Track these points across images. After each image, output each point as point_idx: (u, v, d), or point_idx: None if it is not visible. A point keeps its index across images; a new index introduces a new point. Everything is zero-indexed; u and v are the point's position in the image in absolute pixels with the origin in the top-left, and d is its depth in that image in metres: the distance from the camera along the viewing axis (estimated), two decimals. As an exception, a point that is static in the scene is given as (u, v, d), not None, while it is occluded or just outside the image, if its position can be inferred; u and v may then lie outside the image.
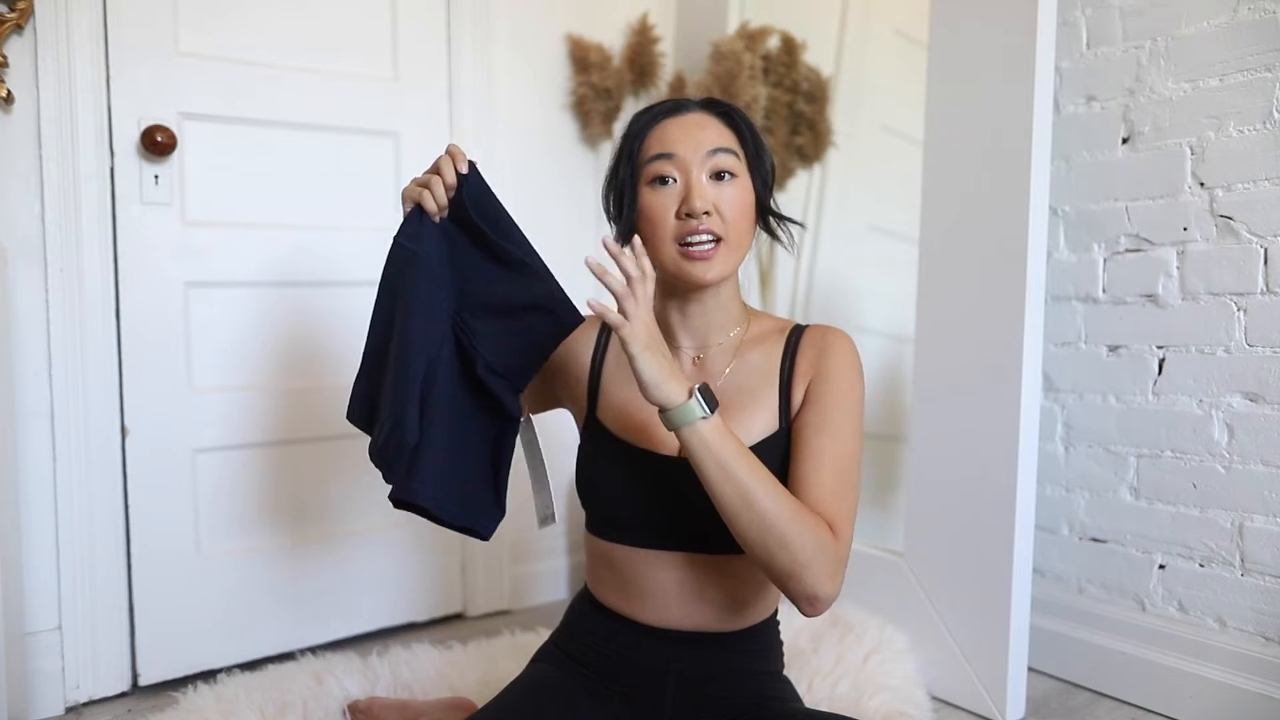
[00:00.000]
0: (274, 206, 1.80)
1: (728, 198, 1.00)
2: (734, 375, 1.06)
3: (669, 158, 1.00)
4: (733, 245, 1.01)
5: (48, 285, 1.56)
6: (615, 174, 1.07)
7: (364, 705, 1.45)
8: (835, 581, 0.92)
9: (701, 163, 1.00)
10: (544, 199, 2.16)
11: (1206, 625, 1.52)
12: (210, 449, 1.75)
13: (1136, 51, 1.58)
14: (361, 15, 1.90)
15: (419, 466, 0.98)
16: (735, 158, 1.02)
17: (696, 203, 0.98)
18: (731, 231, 1.00)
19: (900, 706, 1.45)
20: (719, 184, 1.00)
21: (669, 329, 1.09)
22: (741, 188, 1.02)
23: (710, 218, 0.99)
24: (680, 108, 1.05)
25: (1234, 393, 1.48)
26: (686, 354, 1.08)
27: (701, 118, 1.03)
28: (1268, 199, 1.42)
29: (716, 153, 1.00)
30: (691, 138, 1.01)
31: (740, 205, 1.01)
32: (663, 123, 1.03)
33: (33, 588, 1.57)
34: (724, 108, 1.06)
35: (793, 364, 1.05)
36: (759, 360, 1.06)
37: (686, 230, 0.99)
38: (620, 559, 1.06)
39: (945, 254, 1.62)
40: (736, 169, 1.02)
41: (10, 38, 1.51)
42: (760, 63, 2.12)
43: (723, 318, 1.07)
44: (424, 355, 0.98)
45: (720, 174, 1.00)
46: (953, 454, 1.60)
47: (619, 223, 1.07)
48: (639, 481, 1.03)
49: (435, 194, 0.98)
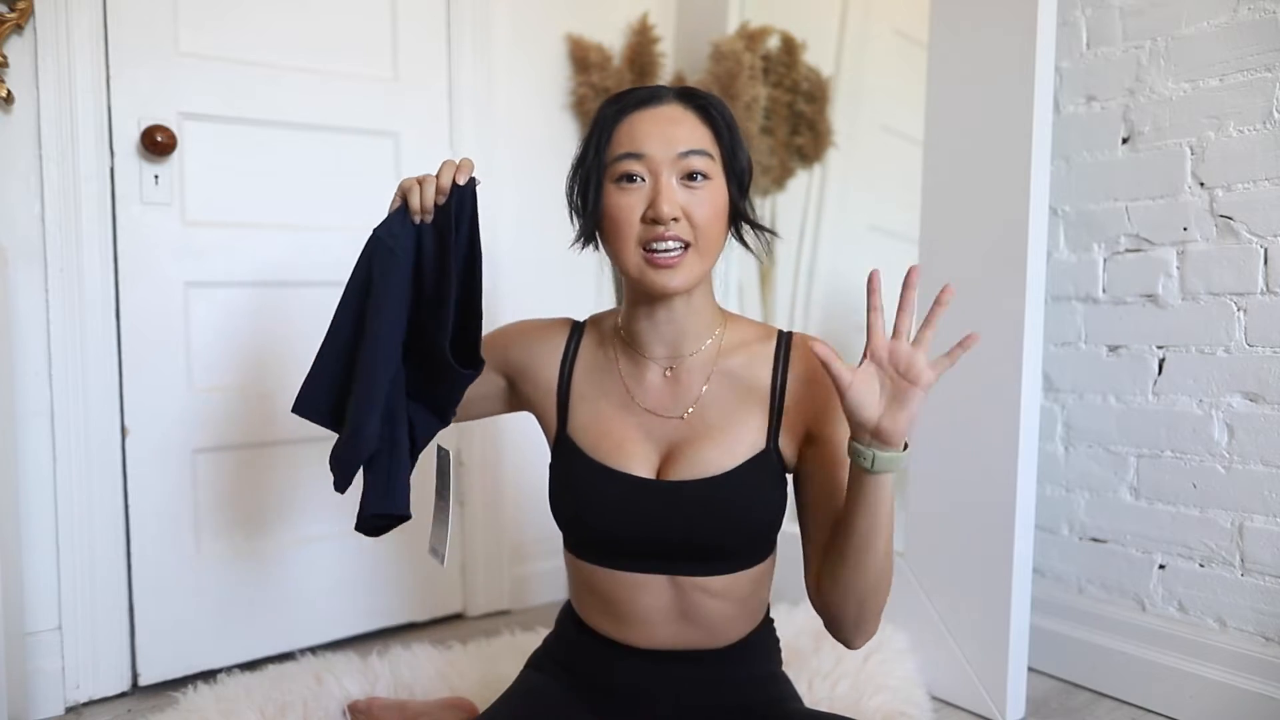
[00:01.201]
0: (274, 206, 1.80)
1: (699, 201, 0.93)
2: (714, 389, 0.99)
3: (638, 157, 0.93)
4: (702, 252, 0.94)
5: (48, 285, 1.56)
6: (581, 164, 0.99)
7: (363, 705, 1.45)
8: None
9: (672, 164, 0.92)
10: (544, 199, 2.15)
11: (1206, 625, 1.52)
12: (210, 449, 1.75)
13: (1136, 51, 1.58)
14: (361, 15, 1.90)
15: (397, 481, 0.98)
16: (709, 159, 0.94)
17: (664, 208, 0.91)
18: (701, 238, 0.93)
19: (900, 706, 1.45)
20: (690, 186, 0.93)
21: (638, 338, 1.02)
22: (714, 190, 0.95)
23: (678, 224, 0.92)
24: (654, 98, 0.96)
25: (1234, 393, 1.48)
26: (658, 365, 1.02)
27: (676, 111, 0.95)
28: (1268, 199, 1.42)
29: (689, 155, 0.93)
30: (663, 135, 0.93)
31: (711, 210, 0.94)
32: (633, 115, 0.95)
33: (33, 588, 1.57)
34: (701, 100, 0.97)
35: (784, 382, 0.99)
36: (742, 373, 1.00)
37: (652, 235, 0.92)
38: (601, 581, 1.02)
39: (945, 254, 1.62)
40: (710, 170, 0.94)
41: (10, 38, 1.51)
42: (760, 63, 2.13)
43: (696, 325, 1.00)
44: (391, 364, 0.97)
45: (692, 175, 0.93)
46: (953, 454, 1.60)
47: (581, 218, 1.00)
48: (618, 505, 0.97)
49: (424, 193, 0.95)
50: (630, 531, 0.97)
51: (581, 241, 1.02)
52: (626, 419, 1.01)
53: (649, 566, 0.98)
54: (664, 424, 1.00)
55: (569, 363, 1.07)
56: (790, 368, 1.00)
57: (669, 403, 1.01)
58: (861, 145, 2.36)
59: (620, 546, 0.99)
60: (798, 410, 0.99)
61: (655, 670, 1.02)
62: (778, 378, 0.99)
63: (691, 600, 0.99)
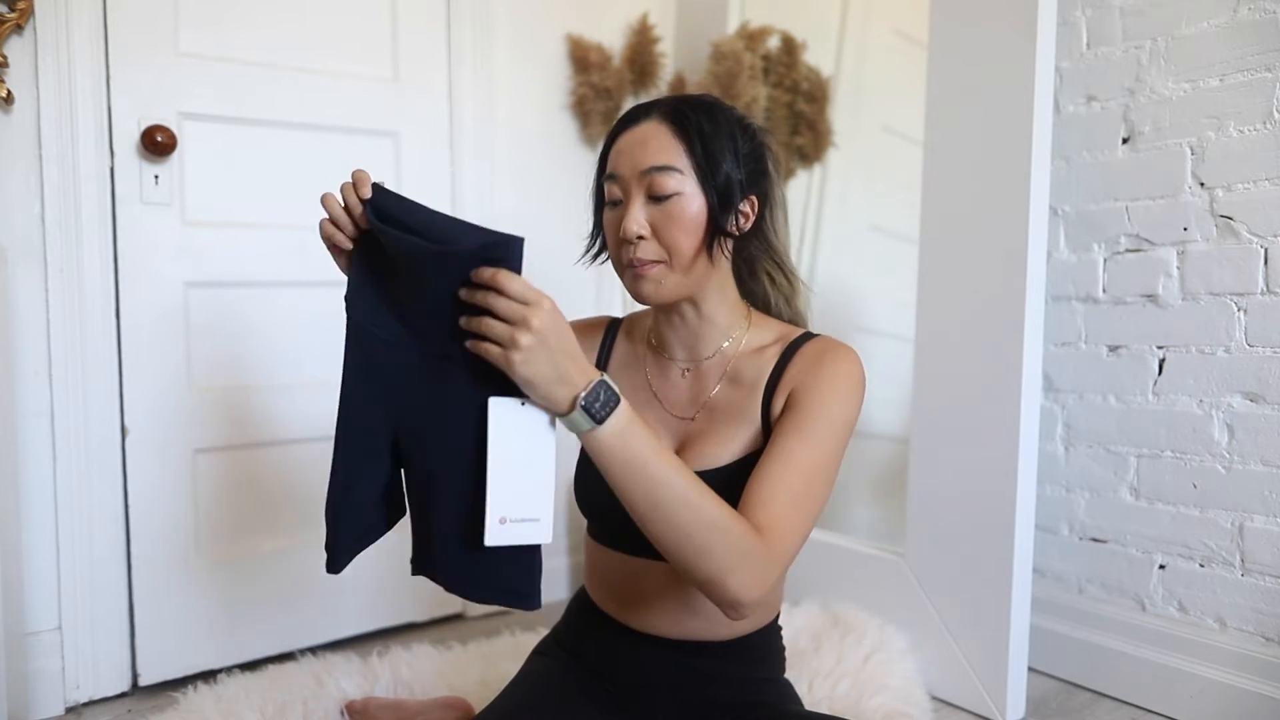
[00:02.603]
0: (274, 206, 1.80)
1: (665, 218, 0.93)
2: (721, 392, 1.02)
3: (613, 178, 0.97)
4: (677, 267, 0.95)
5: (48, 285, 1.56)
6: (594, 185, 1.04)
7: (360, 705, 1.45)
8: (760, 590, 0.84)
9: (638, 182, 0.94)
10: (544, 199, 2.16)
11: (1206, 625, 1.52)
12: (210, 449, 1.75)
13: (1136, 51, 1.58)
14: (361, 15, 1.90)
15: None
16: (676, 174, 0.93)
17: (629, 227, 0.93)
18: (673, 254, 0.94)
19: (900, 706, 1.45)
20: (658, 205, 0.94)
21: (662, 340, 1.07)
22: (683, 205, 0.93)
23: (645, 242, 0.94)
24: (635, 118, 0.98)
25: (1234, 393, 1.48)
26: (679, 366, 1.06)
27: (650, 129, 0.95)
28: (1268, 199, 1.42)
29: (651, 172, 0.93)
30: (631, 155, 0.95)
31: (680, 225, 0.93)
32: (619, 136, 0.98)
33: (33, 588, 1.57)
34: (679, 115, 0.95)
35: (779, 376, 0.99)
36: (749, 374, 1.01)
37: (625, 256, 0.96)
38: (614, 565, 1.06)
39: (945, 254, 1.62)
40: (678, 186, 0.93)
41: (10, 38, 1.51)
42: (760, 63, 2.13)
43: (710, 331, 1.03)
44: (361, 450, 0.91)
45: (657, 196, 0.93)
46: (953, 454, 1.60)
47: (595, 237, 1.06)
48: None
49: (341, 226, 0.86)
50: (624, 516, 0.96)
51: (591, 257, 1.07)
52: (647, 415, 1.04)
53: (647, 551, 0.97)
54: (679, 422, 1.04)
55: (603, 360, 1.11)
56: (790, 365, 0.99)
57: (685, 402, 1.04)
58: (861, 145, 2.36)
59: (630, 533, 0.99)
60: (780, 401, 0.99)
61: (659, 657, 1.04)
62: (774, 375, 0.99)
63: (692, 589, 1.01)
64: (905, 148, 2.06)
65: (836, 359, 0.97)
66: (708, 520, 0.82)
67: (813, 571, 1.80)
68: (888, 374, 2.19)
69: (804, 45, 2.21)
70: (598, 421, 0.79)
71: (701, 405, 1.02)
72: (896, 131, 2.30)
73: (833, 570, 1.83)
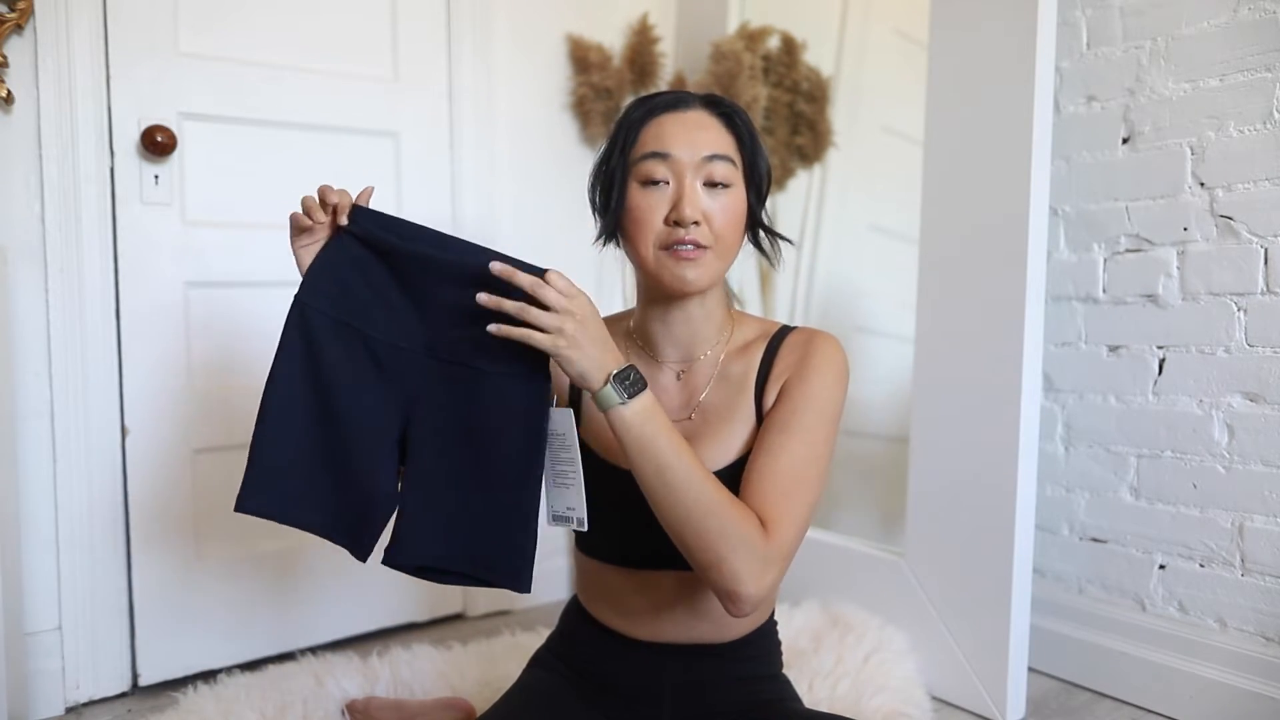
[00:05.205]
0: (274, 206, 1.79)
1: (720, 208, 0.95)
2: (714, 391, 1.01)
3: (663, 158, 0.94)
4: (720, 254, 0.96)
5: (48, 285, 1.56)
6: (606, 163, 1.00)
7: (361, 705, 1.45)
8: (760, 582, 0.86)
9: (697, 168, 0.94)
10: (544, 199, 2.16)
11: (1206, 625, 1.52)
12: (210, 449, 1.75)
13: (1136, 51, 1.58)
14: (361, 15, 1.90)
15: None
16: (732, 166, 0.96)
17: (687, 211, 0.93)
18: (720, 242, 0.95)
19: (900, 706, 1.45)
20: (712, 192, 0.95)
21: (651, 340, 1.04)
22: (735, 197, 0.96)
23: (699, 227, 0.94)
24: (681, 102, 0.98)
25: (1234, 393, 1.48)
26: (671, 368, 1.04)
27: (702, 117, 0.97)
28: (1268, 199, 1.42)
29: (714, 159, 0.95)
30: (690, 139, 0.95)
31: (731, 216, 0.96)
32: (660, 117, 0.97)
33: (33, 588, 1.57)
34: (726, 108, 0.99)
35: (769, 370, 1.00)
36: (739, 372, 1.01)
37: (673, 238, 0.94)
38: (609, 578, 1.05)
39: (945, 254, 1.62)
40: (731, 178, 0.96)
41: (10, 38, 1.51)
42: (760, 63, 2.13)
43: (709, 328, 1.02)
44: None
45: (715, 181, 0.95)
46: (953, 454, 1.60)
47: (603, 216, 1.01)
48: (623, 503, 0.97)
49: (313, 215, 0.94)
50: (636, 528, 0.98)
51: (603, 240, 1.04)
52: None
53: (657, 563, 1.00)
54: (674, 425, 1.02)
55: None
56: (777, 359, 1.01)
57: (678, 405, 1.03)
58: (861, 145, 2.36)
59: (628, 545, 1.01)
60: (772, 395, 1.00)
61: (658, 663, 1.04)
62: (762, 371, 1.01)
63: (697, 595, 1.01)
64: (905, 148, 2.06)
65: (821, 348, 1.00)
66: (712, 500, 0.87)
67: (812, 571, 1.80)
68: (888, 374, 2.19)
69: (804, 45, 2.21)
70: (629, 397, 0.86)
71: (695, 407, 1.02)
72: (896, 131, 2.30)
73: (832, 570, 1.83)
